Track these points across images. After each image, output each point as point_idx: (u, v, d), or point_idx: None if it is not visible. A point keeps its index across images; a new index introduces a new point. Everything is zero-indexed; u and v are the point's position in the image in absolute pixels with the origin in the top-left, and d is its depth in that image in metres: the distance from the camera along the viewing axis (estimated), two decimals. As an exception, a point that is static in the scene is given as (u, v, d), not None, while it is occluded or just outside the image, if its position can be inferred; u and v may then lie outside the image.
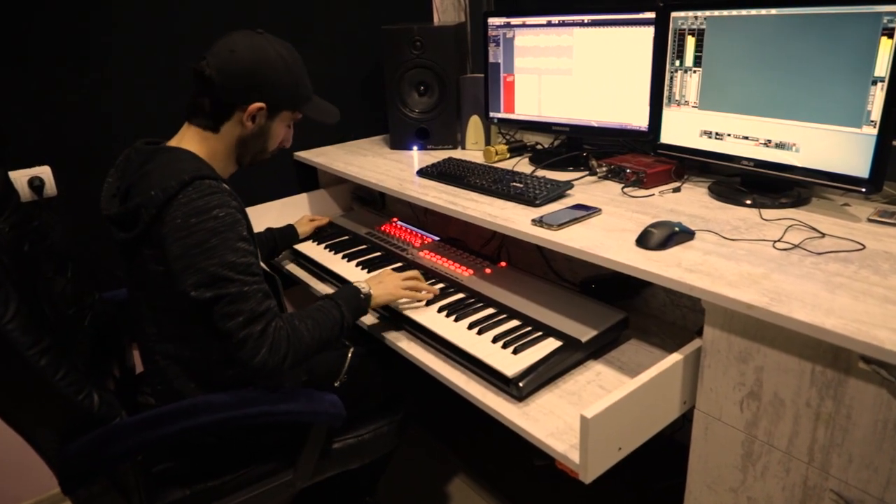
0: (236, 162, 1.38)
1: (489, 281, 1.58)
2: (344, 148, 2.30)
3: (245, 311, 1.17)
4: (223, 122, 1.31)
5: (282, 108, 1.36)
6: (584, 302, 1.43)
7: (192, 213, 1.16)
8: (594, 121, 1.78)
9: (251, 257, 1.21)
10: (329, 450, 1.40)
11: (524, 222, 1.41)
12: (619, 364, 1.32)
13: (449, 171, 1.79)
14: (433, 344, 1.40)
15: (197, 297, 1.16)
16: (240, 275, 1.17)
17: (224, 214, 1.18)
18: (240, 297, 1.17)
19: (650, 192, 1.58)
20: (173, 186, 1.16)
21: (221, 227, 1.17)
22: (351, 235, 1.99)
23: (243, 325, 1.16)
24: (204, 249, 1.15)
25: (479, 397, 1.24)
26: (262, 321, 1.18)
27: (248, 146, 1.36)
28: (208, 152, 1.31)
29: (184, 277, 1.16)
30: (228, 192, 1.22)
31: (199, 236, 1.15)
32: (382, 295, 1.46)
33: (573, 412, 1.18)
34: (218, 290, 1.16)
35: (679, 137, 1.58)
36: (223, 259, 1.16)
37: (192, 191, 1.17)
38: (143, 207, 1.18)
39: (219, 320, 1.17)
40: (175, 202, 1.16)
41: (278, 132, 1.40)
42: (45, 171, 1.75)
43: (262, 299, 1.20)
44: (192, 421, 1.16)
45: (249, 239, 1.23)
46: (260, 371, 1.18)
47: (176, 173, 1.18)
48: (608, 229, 1.33)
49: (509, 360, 1.26)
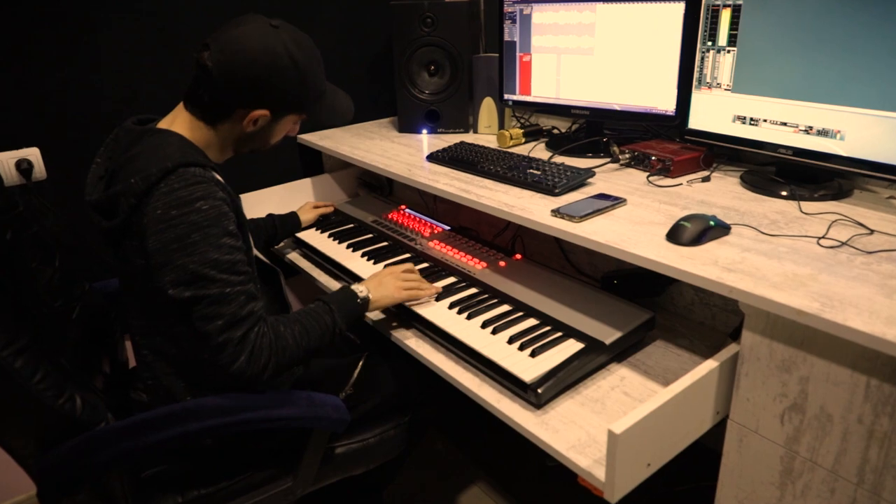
0: (233, 151, 1.28)
1: (504, 275, 1.48)
2: (350, 131, 2.19)
3: (225, 315, 1.08)
4: (221, 120, 1.20)
5: (287, 113, 1.26)
6: (607, 299, 1.33)
7: (173, 205, 1.06)
8: (616, 104, 1.67)
9: (237, 254, 1.11)
10: (331, 455, 1.32)
11: (543, 213, 1.31)
12: (645, 368, 1.22)
13: (461, 156, 1.69)
14: (443, 343, 1.31)
15: (175, 295, 1.07)
16: (223, 273, 1.08)
17: (208, 207, 1.08)
18: (220, 299, 1.08)
19: (677, 181, 1.47)
20: (154, 174, 1.07)
21: (204, 222, 1.07)
22: (356, 223, 1.89)
23: (222, 329, 1.08)
24: (184, 245, 1.06)
25: (493, 403, 1.14)
26: (242, 326, 1.09)
27: (246, 143, 1.27)
28: (201, 141, 1.21)
29: (162, 274, 1.07)
30: (216, 181, 1.12)
31: (179, 230, 1.06)
32: (382, 299, 1.35)
33: (596, 422, 1.08)
34: (197, 290, 1.07)
35: (709, 123, 1.47)
36: (205, 256, 1.07)
37: (175, 180, 1.07)
38: (123, 196, 1.08)
39: (197, 321, 1.08)
40: (156, 192, 1.07)
41: (282, 130, 1.29)
42: (33, 152, 1.66)
43: (245, 302, 1.10)
44: (183, 428, 1.07)
45: (237, 234, 1.13)
46: (238, 378, 1.10)
47: (159, 160, 1.08)
48: (635, 222, 1.23)
49: (527, 363, 1.16)
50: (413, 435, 1.46)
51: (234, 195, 1.18)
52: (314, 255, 1.77)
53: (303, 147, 2.16)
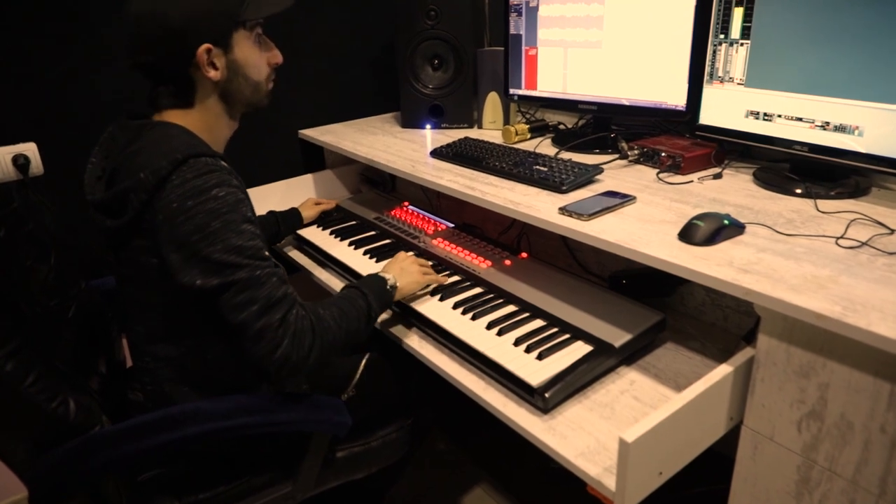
0: (231, 118, 1.22)
1: (509, 274, 1.44)
2: (352, 126, 2.16)
3: (259, 299, 1.03)
4: (190, 93, 1.15)
5: (228, 33, 1.13)
6: (616, 300, 1.29)
7: (189, 195, 1.02)
8: (625, 99, 1.63)
9: (259, 240, 1.08)
10: (332, 459, 1.28)
11: (550, 210, 1.27)
12: (656, 372, 1.19)
13: (465, 151, 1.65)
14: (447, 344, 1.27)
15: (203, 285, 1.02)
16: (249, 259, 1.04)
17: (225, 194, 1.04)
18: (252, 283, 1.03)
19: (688, 178, 1.43)
20: (165, 167, 1.03)
21: (223, 208, 1.03)
22: (358, 220, 1.85)
23: (259, 315, 1.02)
24: (205, 235, 1.01)
25: (499, 408, 1.11)
26: (280, 308, 1.04)
27: (232, 95, 1.19)
28: (197, 125, 1.16)
29: (187, 268, 1.02)
30: (228, 170, 1.09)
31: (198, 220, 1.01)
32: (408, 286, 1.34)
33: (605, 428, 1.05)
34: (225, 277, 1.02)
35: (721, 118, 1.42)
36: (228, 243, 1.02)
37: (187, 170, 1.03)
38: (132, 192, 1.04)
39: (229, 313, 1.03)
40: (168, 185, 1.03)
41: (251, 56, 1.18)
42: (30, 147, 1.62)
43: (279, 284, 1.06)
44: (179, 432, 1.03)
45: (255, 220, 1.10)
46: (282, 367, 1.04)
47: (167, 152, 1.04)
48: (645, 220, 1.19)
49: (533, 366, 1.12)
50: (416, 438, 1.43)
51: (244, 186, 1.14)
52: (316, 252, 1.73)
53: (304, 143, 2.12)
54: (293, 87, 2.06)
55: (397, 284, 1.31)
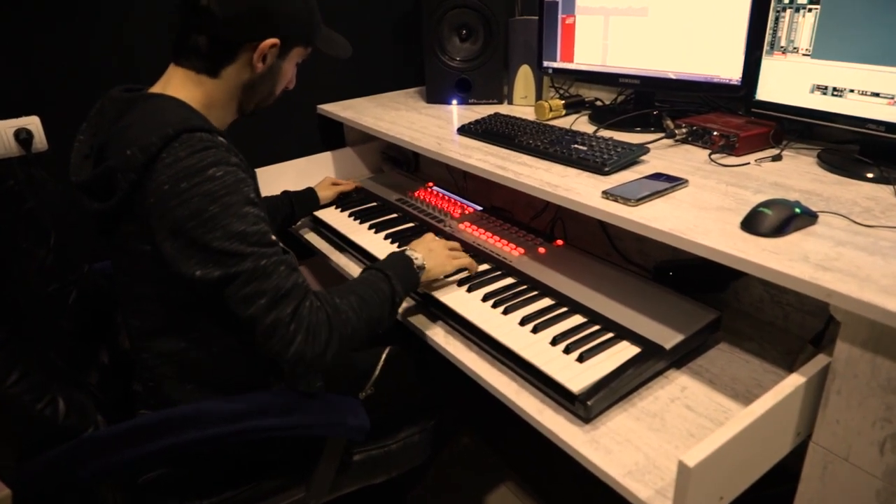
0: (237, 110, 1.13)
1: (544, 263, 1.32)
2: (374, 101, 2.03)
3: (268, 291, 0.92)
4: (225, 65, 1.06)
5: (295, 44, 1.13)
6: (664, 295, 1.17)
7: (182, 176, 0.91)
8: (672, 72, 1.48)
9: (264, 224, 0.96)
10: (349, 463, 1.18)
11: (592, 194, 1.14)
12: (710, 377, 1.06)
13: (496, 128, 1.52)
14: (476, 340, 1.16)
15: (203, 277, 0.92)
16: (253, 246, 0.93)
17: (223, 174, 0.93)
18: (258, 273, 0.92)
19: (743, 159, 1.29)
20: (155, 143, 0.92)
21: (221, 190, 0.92)
22: (379, 202, 1.74)
23: (268, 308, 0.92)
24: (202, 221, 0.91)
25: (534, 415, 0.99)
26: (292, 300, 0.94)
27: (254, 91, 1.12)
28: (203, 99, 1.06)
29: (185, 258, 0.92)
30: (226, 146, 0.98)
31: (193, 204, 0.91)
32: (436, 267, 1.23)
33: (655, 442, 0.93)
34: (227, 269, 0.91)
35: (782, 93, 1.28)
36: (228, 229, 0.92)
37: (179, 147, 0.92)
38: (119, 172, 0.94)
39: (237, 306, 0.93)
40: (158, 163, 0.92)
41: (287, 72, 1.16)
42: (32, 121, 1.53)
43: (287, 274, 0.95)
44: (179, 437, 0.93)
45: (259, 202, 0.99)
46: (298, 364, 0.95)
47: (158, 126, 0.93)
48: (701, 206, 1.06)
49: (573, 369, 1.01)
50: (439, 439, 1.32)
51: (247, 165, 1.03)
52: (333, 235, 1.62)
53: (322, 118, 2.00)
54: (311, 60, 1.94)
55: (425, 265, 1.20)
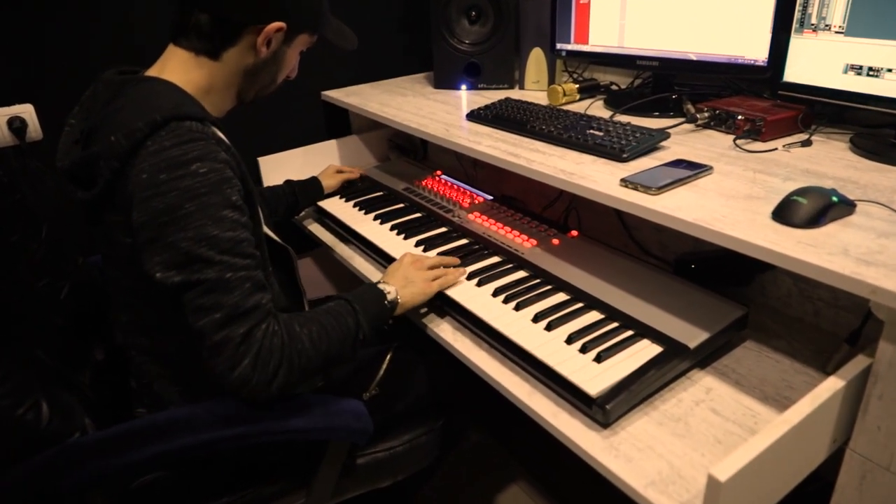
0: (236, 97, 1.07)
1: (558, 255, 1.25)
2: (380, 87, 1.96)
3: (225, 306, 0.87)
4: (227, 47, 1.01)
5: (302, 30, 1.08)
6: (686, 289, 1.10)
7: (162, 167, 0.85)
8: (693, 53, 1.40)
9: (243, 231, 0.90)
10: (352, 466, 1.12)
11: (609, 182, 1.07)
12: (736, 378, 0.99)
13: (507, 114, 1.45)
14: (486, 337, 1.09)
15: (163, 280, 0.86)
16: (223, 255, 0.87)
17: (206, 170, 0.87)
18: (220, 286, 0.87)
19: (769, 145, 1.21)
20: (140, 130, 0.86)
21: (201, 188, 0.86)
22: (385, 191, 1.67)
23: (221, 325, 0.86)
24: (175, 217, 0.85)
25: (548, 419, 0.93)
26: (247, 321, 0.88)
27: (255, 78, 1.06)
28: (201, 84, 1.00)
29: (149, 254, 0.87)
30: (218, 139, 0.91)
31: (169, 199, 0.85)
32: (412, 298, 1.14)
33: (679, 449, 0.86)
34: (190, 274, 0.86)
35: (812, 74, 1.20)
36: (200, 232, 0.86)
37: (166, 136, 0.86)
38: (102, 159, 0.88)
39: (191, 314, 0.88)
40: (142, 151, 0.86)
41: (291, 60, 1.10)
42: (26, 109, 1.47)
43: (251, 292, 0.89)
44: (169, 444, 0.88)
45: (242, 207, 0.92)
46: (240, 389, 0.88)
47: (147, 112, 0.87)
48: (727, 195, 0.99)
49: (591, 370, 0.94)
50: (448, 440, 1.26)
51: (240, 159, 0.97)
52: (337, 226, 1.56)
53: (327, 105, 1.93)
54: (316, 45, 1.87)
55: (398, 299, 1.11)
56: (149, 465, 0.96)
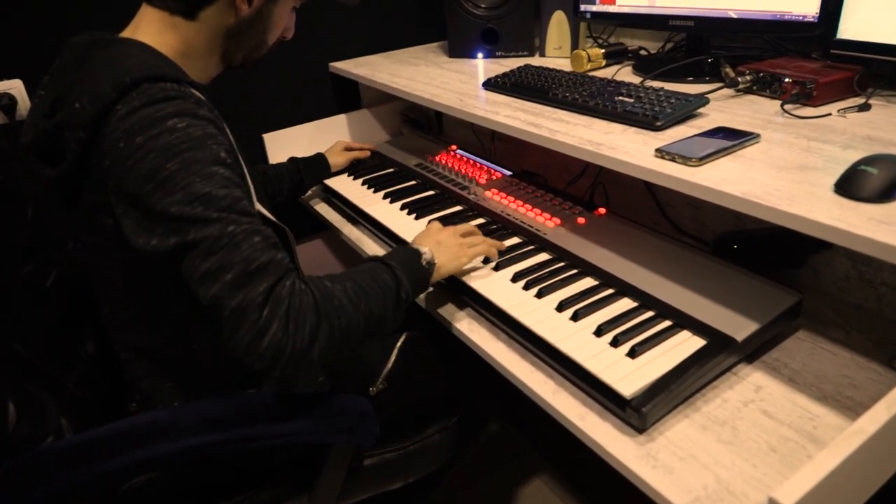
0: (222, 61, 0.97)
1: (584, 236, 1.13)
2: (391, 57, 1.84)
3: (236, 263, 0.73)
4: (204, 5, 0.90)
5: None
6: (730, 273, 0.98)
7: (137, 129, 0.75)
8: (732, 10, 1.27)
9: (238, 191, 0.78)
10: (359, 468, 1.03)
11: (643, 153, 0.95)
12: (789, 374, 0.87)
13: (527, 81, 1.32)
14: (504, 328, 0.99)
15: (158, 246, 0.74)
16: (220, 211, 0.75)
17: (185, 125, 0.76)
18: (224, 243, 0.73)
19: (822, 110, 1.08)
20: (107, 94, 0.76)
21: (182, 144, 0.75)
22: (397, 168, 1.56)
23: (236, 286, 0.72)
24: (160, 182, 0.74)
25: (575, 421, 0.82)
26: (266, 277, 0.74)
27: (240, 39, 0.95)
28: (178, 46, 0.90)
29: (141, 231, 0.76)
30: (197, 99, 0.81)
31: (150, 162, 0.74)
32: (448, 262, 1.02)
33: (727, 458, 0.75)
34: (185, 235, 0.73)
35: (871, 30, 1.06)
36: (190, 191, 0.74)
37: (137, 97, 0.76)
38: (67, 129, 0.78)
39: (197, 287, 0.74)
40: (112, 117, 0.76)
41: (281, 18, 0.99)
42: (15, 85, 1.38)
43: (263, 246, 0.76)
44: (150, 450, 0.78)
45: (233, 166, 0.81)
46: (274, 363, 0.73)
47: (115, 75, 0.77)
48: (779, 166, 0.87)
49: (623, 366, 0.83)
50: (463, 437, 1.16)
51: (225, 128, 0.86)
52: (344, 206, 1.45)
53: (336, 78, 1.82)
54: (322, 13, 1.75)
55: (435, 260, 1.00)
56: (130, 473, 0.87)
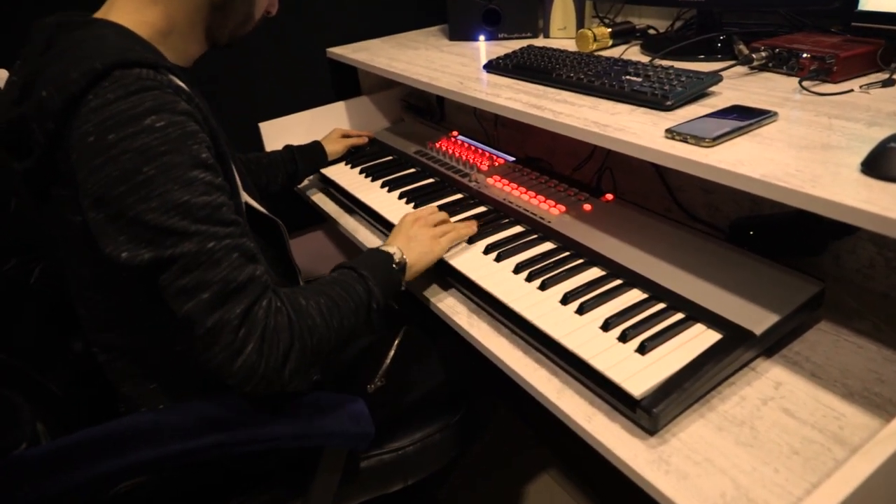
0: (206, 39, 0.91)
1: (591, 224, 1.07)
2: (390, 41, 1.78)
3: (213, 283, 0.71)
4: None
5: None
6: (747, 261, 0.92)
7: (110, 126, 0.70)
8: (746, -17, 1.20)
9: (219, 195, 0.74)
10: (355, 470, 0.98)
11: (652, 134, 0.89)
12: (811, 368, 0.81)
13: (529, 62, 1.26)
14: (506, 322, 0.93)
15: (130, 261, 0.71)
16: (199, 223, 0.71)
17: (164, 124, 0.71)
18: (201, 260, 0.71)
19: (843, 86, 1.02)
20: (76, 81, 0.70)
21: (160, 146, 0.70)
22: (396, 155, 1.51)
23: (212, 306, 0.71)
24: (134, 185, 0.69)
25: (581, 423, 0.77)
26: (242, 298, 0.72)
27: (225, 14, 0.90)
28: (158, 25, 0.84)
29: (110, 235, 0.71)
30: (176, 87, 0.75)
31: (123, 163, 0.69)
32: (420, 259, 0.99)
33: (747, 461, 0.69)
34: (162, 250, 0.70)
35: None
36: (167, 199, 0.70)
37: (110, 87, 0.70)
38: (33, 120, 0.73)
39: (172, 300, 0.72)
40: (83, 108, 0.71)
41: None
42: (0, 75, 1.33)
43: (242, 263, 0.73)
44: (127, 457, 0.73)
45: (215, 166, 0.76)
46: (245, 382, 0.73)
47: (84, 60, 0.71)
48: (799, 145, 0.80)
49: (633, 363, 0.77)
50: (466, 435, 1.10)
51: (208, 114, 0.81)
52: (341, 195, 1.40)
53: (334, 64, 1.76)
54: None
55: (406, 260, 0.96)
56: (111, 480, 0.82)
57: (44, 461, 0.73)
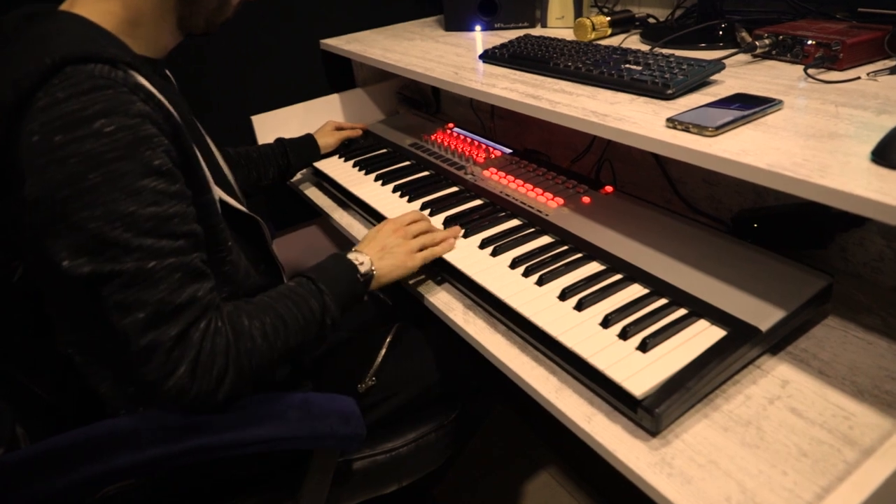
0: (179, 28, 0.87)
1: (590, 217, 1.04)
2: (384, 32, 1.75)
3: (149, 303, 0.70)
4: None
5: None
6: (751, 254, 0.89)
7: (58, 126, 0.67)
8: (748, -31, 1.17)
9: (171, 204, 0.71)
10: (347, 472, 0.95)
11: (653, 124, 0.86)
12: (819, 366, 0.78)
13: (526, 51, 1.23)
14: (502, 319, 0.90)
15: (70, 269, 0.68)
16: (142, 237, 0.69)
17: (114, 129, 0.68)
18: (139, 279, 0.69)
19: (849, 73, 0.99)
20: (27, 78, 0.67)
21: (109, 153, 0.67)
22: (390, 148, 1.47)
23: (147, 326, 0.70)
24: (79, 191, 0.67)
25: (580, 424, 0.74)
26: (179, 320, 0.71)
27: (197, 2, 0.85)
28: (124, 15, 0.80)
29: (51, 238, 0.69)
30: (134, 85, 0.72)
31: (69, 167, 0.67)
32: (391, 272, 0.96)
33: (753, 463, 0.66)
34: (101, 265, 0.68)
35: (905, -18, 0.96)
36: (112, 209, 0.67)
37: (60, 85, 0.67)
38: None
39: (111, 311, 0.70)
40: (33, 106, 0.67)
41: None
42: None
43: (183, 283, 0.71)
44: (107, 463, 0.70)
45: (171, 172, 0.73)
46: (175, 401, 0.72)
47: (36, 57, 0.68)
48: (806, 134, 0.77)
49: (634, 361, 0.74)
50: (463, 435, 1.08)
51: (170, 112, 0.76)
52: (334, 189, 1.37)
53: (328, 55, 1.73)
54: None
55: (374, 271, 0.93)
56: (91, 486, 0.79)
57: (18, 466, 0.70)
